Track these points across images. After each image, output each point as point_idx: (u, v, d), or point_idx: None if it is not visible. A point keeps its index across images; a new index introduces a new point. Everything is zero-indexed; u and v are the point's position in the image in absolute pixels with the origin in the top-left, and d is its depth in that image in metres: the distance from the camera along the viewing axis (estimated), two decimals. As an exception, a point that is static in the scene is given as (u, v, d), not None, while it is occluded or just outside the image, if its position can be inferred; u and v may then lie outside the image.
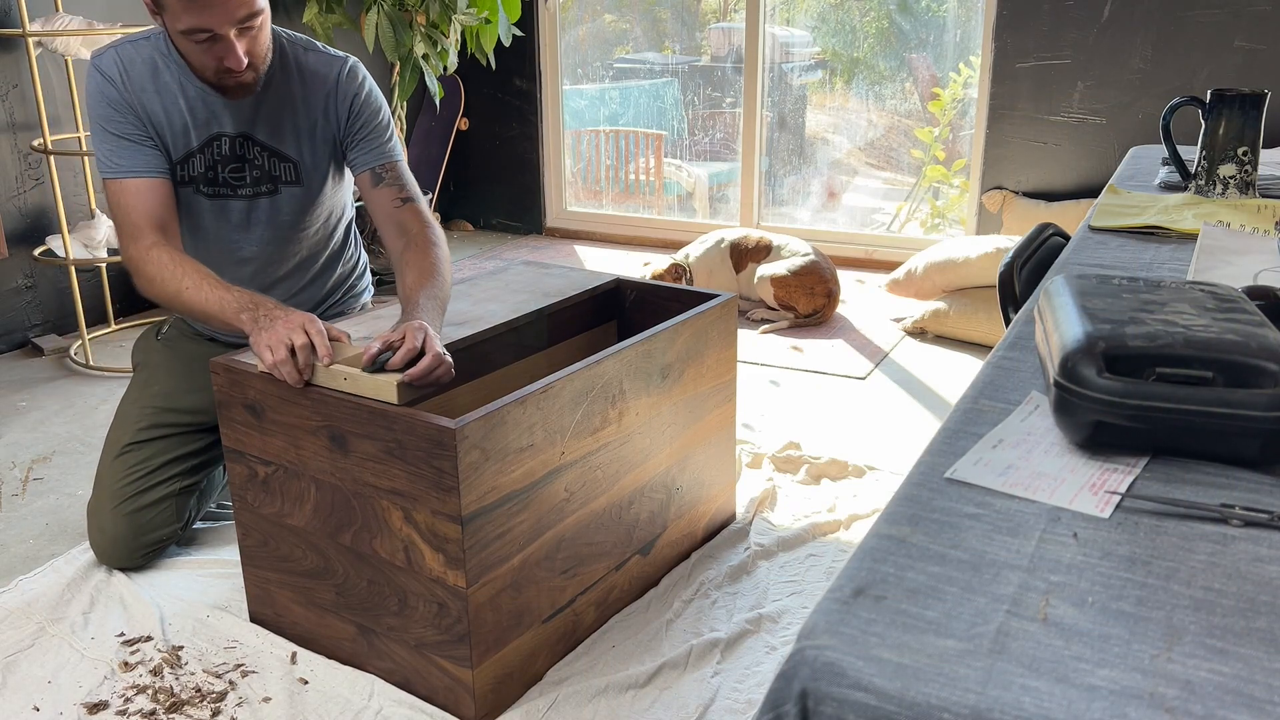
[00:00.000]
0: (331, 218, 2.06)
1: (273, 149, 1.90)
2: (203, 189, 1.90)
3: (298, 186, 1.94)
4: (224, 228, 1.94)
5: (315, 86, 1.90)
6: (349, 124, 1.92)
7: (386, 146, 1.93)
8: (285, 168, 1.92)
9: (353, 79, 1.91)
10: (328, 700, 1.61)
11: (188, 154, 1.86)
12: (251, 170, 1.90)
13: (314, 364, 1.55)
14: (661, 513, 1.90)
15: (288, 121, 1.90)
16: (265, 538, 1.73)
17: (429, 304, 1.69)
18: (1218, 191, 1.62)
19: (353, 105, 1.91)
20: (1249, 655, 0.58)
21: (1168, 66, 3.53)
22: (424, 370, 1.48)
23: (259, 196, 1.93)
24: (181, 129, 1.85)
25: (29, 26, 2.90)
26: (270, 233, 1.97)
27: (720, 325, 1.96)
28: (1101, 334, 0.83)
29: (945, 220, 4.46)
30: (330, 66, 1.91)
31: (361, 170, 1.92)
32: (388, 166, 1.92)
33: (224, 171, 1.89)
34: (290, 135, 1.90)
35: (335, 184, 2.01)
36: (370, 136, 1.92)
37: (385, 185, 1.90)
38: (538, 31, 4.57)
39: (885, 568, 0.67)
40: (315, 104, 1.90)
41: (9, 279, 3.28)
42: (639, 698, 1.61)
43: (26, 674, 1.69)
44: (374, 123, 1.93)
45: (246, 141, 1.88)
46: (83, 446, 2.57)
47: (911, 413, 2.75)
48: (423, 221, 1.88)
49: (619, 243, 4.73)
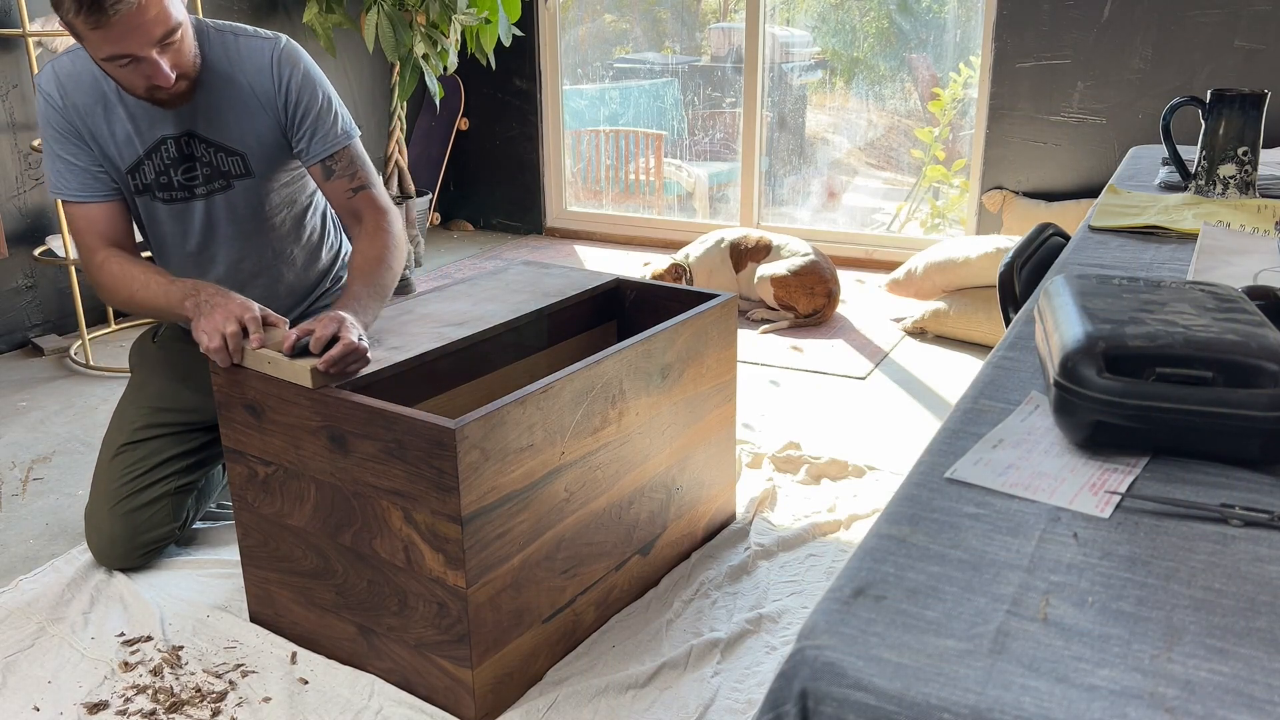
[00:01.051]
0: (296, 206, 2.01)
1: (218, 144, 1.86)
2: (159, 195, 1.88)
3: (249, 178, 1.91)
4: (187, 233, 1.93)
5: (249, 73, 1.84)
6: (289, 112, 1.86)
7: (331, 132, 1.88)
8: (233, 161, 1.89)
9: (285, 62, 1.84)
10: (328, 700, 1.61)
11: (136, 162, 1.84)
12: (202, 168, 1.88)
13: (244, 348, 1.62)
14: (661, 513, 1.90)
15: (228, 113, 1.85)
16: (265, 538, 1.73)
17: (364, 291, 1.74)
18: (1218, 191, 1.62)
19: (289, 92, 1.85)
20: (1249, 655, 0.58)
21: (1168, 66, 3.53)
22: (333, 358, 1.54)
23: (214, 194, 1.90)
24: (125, 138, 1.82)
25: (29, 26, 2.90)
26: (232, 229, 1.95)
27: (720, 325, 1.96)
28: (1101, 334, 0.83)
29: (945, 220, 4.46)
30: (262, 52, 1.84)
31: (312, 163, 1.89)
32: (336, 156, 1.88)
33: (176, 174, 1.87)
34: (233, 127, 1.86)
35: (290, 170, 1.96)
36: (314, 125, 1.87)
37: (336, 177, 1.89)
38: (538, 31, 4.57)
39: (885, 568, 0.67)
40: (253, 91, 1.84)
41: (9, 279, 3.28)
42: (639, 698, 1.61)
43: (26, 674, 1.69)
44: (315, 108, 1.86)
45: (191, 139, 1.85)
46: (83, 446, 2.57)
47: (911, 413, 2.75)
48: (376, 208, 1.88)
49: (619, 243, 4.73)
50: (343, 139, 1.89)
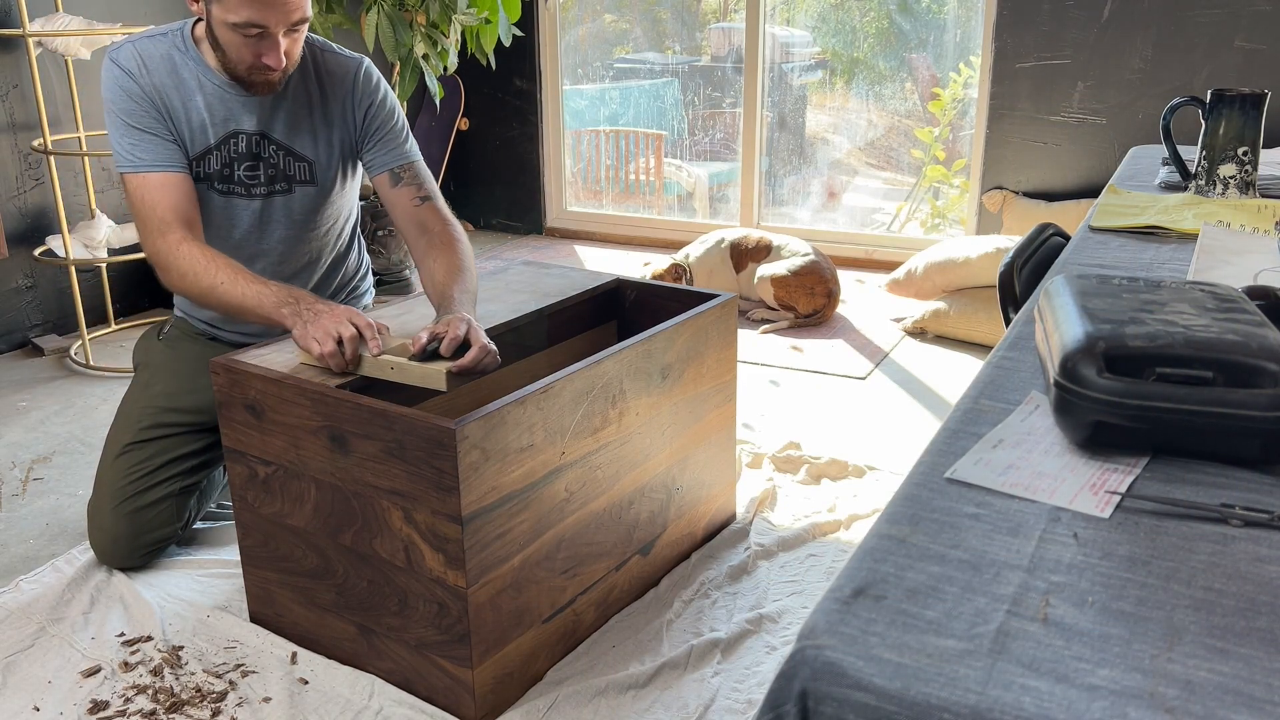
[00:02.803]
0: (341, 218, 2.07)
1: (289, 148, 1.92)
2: (216, 186, 1.91)
3: (312, 186, 1.96)
4: (236, 226, 1.95)
5: (333, 87, 1.92)
6: (365, 126, 1.94)
7: (404, 147, 1.96)
8: (300, 167, 1.93)
9: (369, 81, 1.95)
10: (328, 700, 1.61)
11: (205, 151, 1.87)
12: (266, 169, 1.91)
13: (361, 355, 1.59)
14: (661, 513, 1.90)
15: (304, 121, 1.91)
16: (265, 538, 1.73)
17: (463, 297, 1.74)
18: (1218, 191, 1.62)
19: (370, 108, 1.94)
20: (1249, 655, 0.58)
21: (1168, 66, 3.53)
22: (472, 360, 1.53)
23: (273, 195, 1.94)
24: (199, 125, 1.85)
25: (29, 26, 2.90)
26: (284, 231, 1.98)
27: (720, 325, 1.96)
28: (1102, 334, 0.83)
29: (945, 220, 4.46)
30: (347, 68, 1.94)
31: (380, 171, 1.94)
32: (405, 167, 1.94)
33: (239, 170, 1.90)
34: (307, 134, 1.92)
35: (347, 185, 2.03)
36: (387, 138, 1.95)
37: (404, 185, 1.93)
38: (538, 31, 4.57)
39: (885, 568, 0.67)
40: (332, 104, 1.92)
41: (9, 279, 3.28)
42: (639, 698, 1.61)
43: (26, 674, 1.69)
44: (390, 124, 1.96)
45: (263, 140, 1.90)
46: (83, 446, 2.57)
47: (911, 413, 2.75)
48: (443, 219, 1.91)
49: (619, 243, 4.73)
50: (412, 153, 1.96)
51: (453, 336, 1.54)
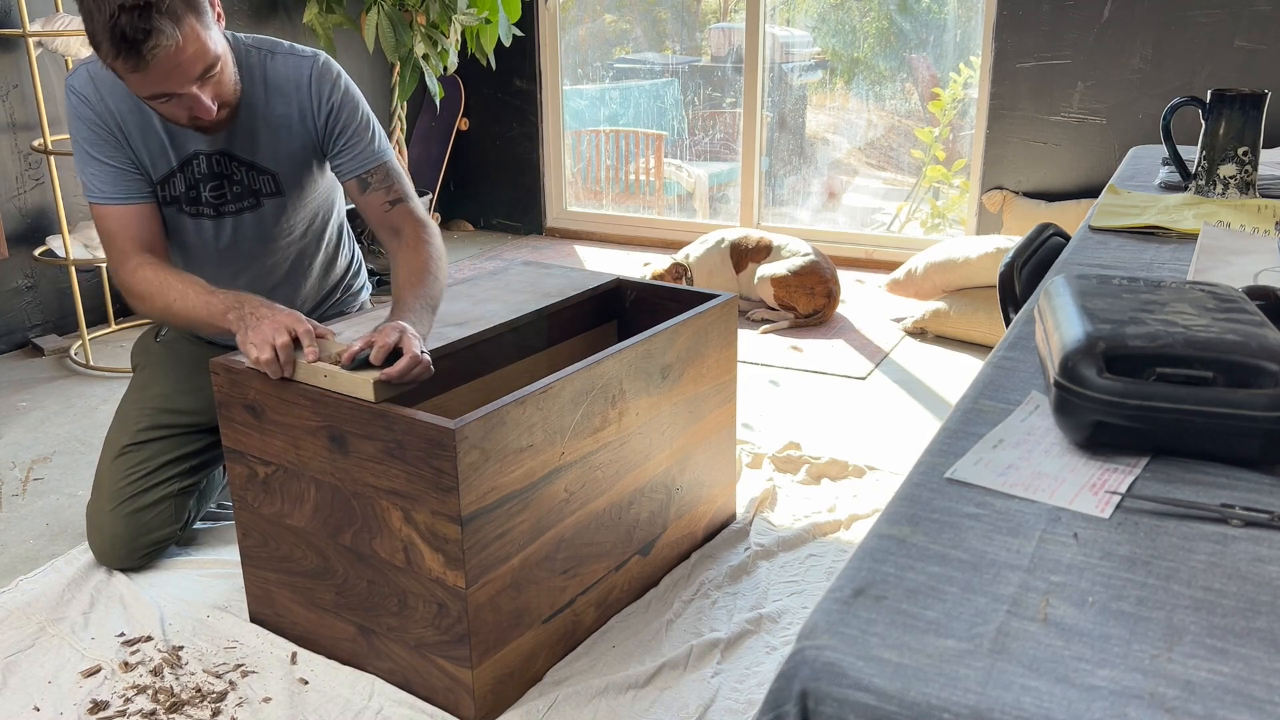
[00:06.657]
0: (318, 219, 2.02)
1: (250, 163, 1.86)
2: (185, 209, 1.88)
3: (278, 197, 1.91)
4: (211, 245, 1.93)
5: (286, 91, 1.83)
6: (327, 129, 1.86)
7: (369, 149, 1.87)
8: (265, 180, 1.88)
9: (324, 82, 1.84)
10: (328, 700, 1.61)
11: (169, 173, 1.83)
12: (232, 187, 1.87)
13: (296, 361, 1.57)
14: (661, 513, 1.90)
15: (262, 132, 1.84)
16: (265, 538, 1.73)
17: (416, 303, 1.69)
18: (1218, 191, 1.62)
19: (331, 113, 1.84)
20: (1249, 655, 0.58)
21: (1168, 66, 3.53)
22: (399, 371, 1.49)
23: (242, 212, 1.90)
24: (159, 148, 1.81)
25: (29, 26, 2.90)
26: (262, 245, 1.95)
27: (720, 325, 1.96)
28: (1102, 334, 0.83)
29: (945, 220, 4.46)
30: (300, 69, 1.83)
31: (348, 178, 1.88)
32: (373, 170, 1.87)
33: (205, 191, 1.86)
34: (266, 147, 1.85)
35: (318, 188, 1.97)
36: (352, 141, 1.86)
37: (373, 190, 1.86)
38: (538, 31, 4.57)
39: (885, 568, 0.67)
40: (289, 109, 1.84)
41: (9, 279, 3.28)
42: (639, 698, 1.61)
43: (26, 674, 1.69)
44: (353, 125, 1.86)
45: (224, 158, 1.84)
46: (83, 446, 2.57)
47: (911, 413, 2.75)
48: (415, 221, 1.85)
49: (619, 243, 4.73)
50: (379, 154, 1.88)
51: (382, 345, 1.51)
